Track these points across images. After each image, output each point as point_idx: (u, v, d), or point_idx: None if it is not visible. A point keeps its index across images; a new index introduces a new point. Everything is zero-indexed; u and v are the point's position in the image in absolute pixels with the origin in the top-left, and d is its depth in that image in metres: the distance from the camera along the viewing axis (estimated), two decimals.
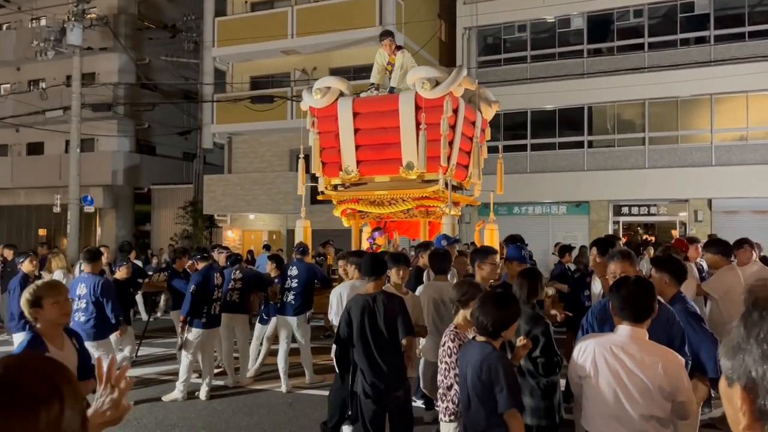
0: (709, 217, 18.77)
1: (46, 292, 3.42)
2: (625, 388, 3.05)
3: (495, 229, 10.08)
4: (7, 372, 0.97)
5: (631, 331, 3.11)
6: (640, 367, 3.02)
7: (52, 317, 3.40)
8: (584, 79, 19.47)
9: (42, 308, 3.39)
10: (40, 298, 3.39)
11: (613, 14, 19.89)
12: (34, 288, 3.45)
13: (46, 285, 3.52)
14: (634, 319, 3.12)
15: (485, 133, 10.10)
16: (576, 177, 19.82)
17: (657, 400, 3.00)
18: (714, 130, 18.81)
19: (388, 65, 9.33)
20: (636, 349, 3.07)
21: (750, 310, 0.93)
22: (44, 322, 3.40)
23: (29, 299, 3.41)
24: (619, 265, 4.00)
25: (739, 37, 18.45)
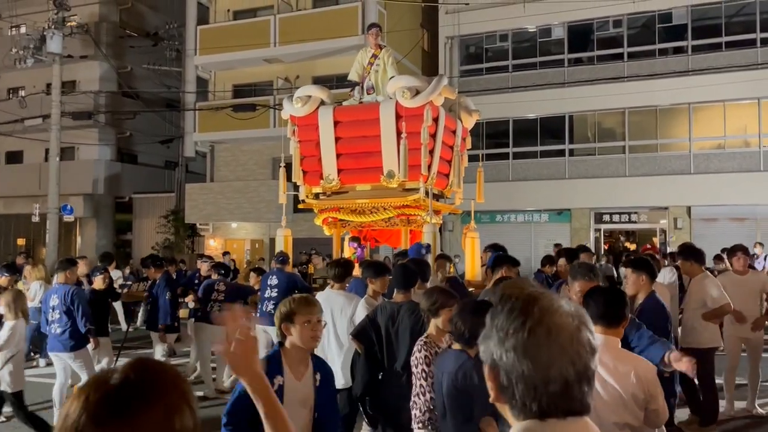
0: (689, 224, 19.00)
1: (300, 308, 2.98)
2: (599, 397, 3.06)
3: (476, 237, 10.10)
4: (143, 373, 0.99)
5: (605, 340, 3.14)
6: (613, 376, 3.04)
7: (299, 339, 2.95)
8: (565, 89, 19.67)
9: (293, 325, 2.96)
10: (292, 314, 2.97)
11: (593, 24, 20.14)
12: (289, 301, 3.05)
13: (302, 300, 3.06)
14: (608, 326, 3.15)
15: (466, 141, 10.14)
16: (558, 185, 19.98)
17: (630, 409, 3.02)
18: (692, 138, 19.09)
19: (372, 58, 9.35)
20: (609, 358, 3.09)
21: (495, 304, 1.15)
22: (291, 342, 2.97)
23: (283, 312, 3.00)
24: (583, 284, 4.04)
25: (716, 47, 18.76)
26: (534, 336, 1.06)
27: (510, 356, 1.07)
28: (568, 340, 1.07)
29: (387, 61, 9.21)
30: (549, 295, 1.14)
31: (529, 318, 1.08)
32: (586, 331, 1.10)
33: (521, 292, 1.14)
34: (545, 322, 1.07)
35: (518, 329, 1.07)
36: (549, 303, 1.10)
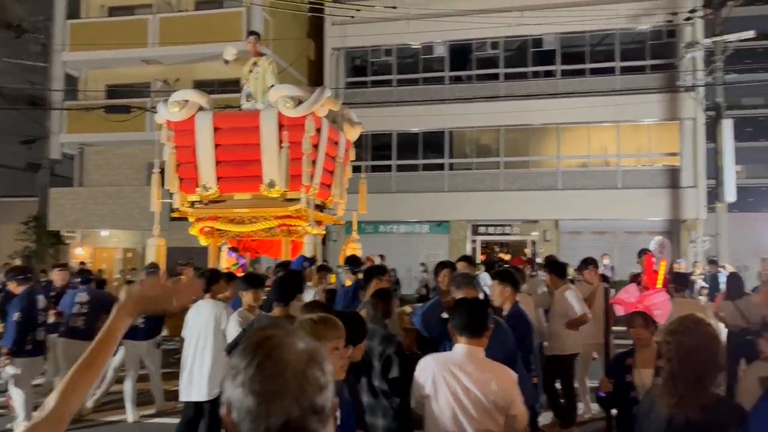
0: (557, 237, 20.29)
1: (328, 333, 2.54)
2: (462, 405, 3.16)
3: (358, 248, 10.19)
4: None
5: (468, 350, 3.25)
6: (476, 384, 3.15)
7: None
8: (446, 105, 20.41)
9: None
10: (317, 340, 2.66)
11: (472, 44, 21.08)
12: (310, 325, 2.57)
13: (327, 323, 2.59)
14: (471, 336, 3.26)
15: (349, 153, 10.22)
16: (438, 197, 20.64)
17: (492, 415, 3.14)
18: (560, 156, 20.47)
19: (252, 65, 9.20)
20: (472, 367, 3.20)
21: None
22: None
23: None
24: (464, 292, 4.19)
25: (582, 73, 20.28)
26: (260, 371, 1.09)
27: (238, 392, 1.09)
28: (293, 377, 1.09)
29: (267, 69, 9.10)
30: (287, 333, 1.18)
31: (258, 354, 1.11)
32: (315, 368, 1.13)
33: (262, 331, 1.17)
34: (273, 358, 1.10)
35: (247, 365, 1.10)
36: (281, 340, 1.14)
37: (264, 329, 1.18)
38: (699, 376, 2.68)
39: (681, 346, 2.80)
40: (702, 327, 2.87)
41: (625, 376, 3.88)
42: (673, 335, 2.90)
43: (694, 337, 2.80)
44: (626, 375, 3.88)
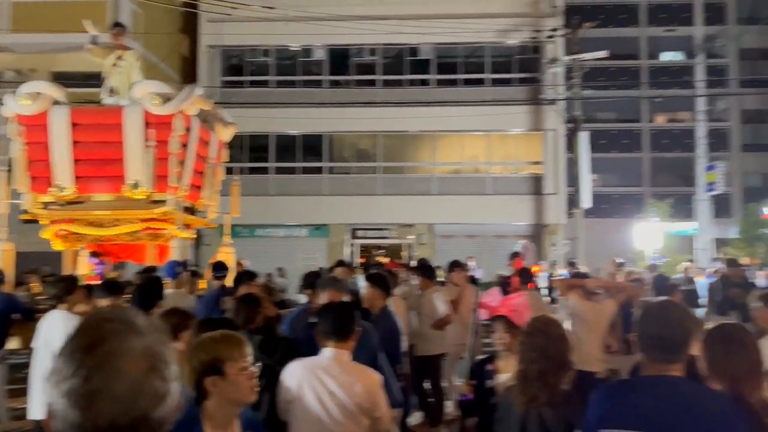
0: (432, 240, 20.93)
1: (232, 352, 2.24)
2: (326, 409, 3.13)
3: (230, 252, 9.87)
4: None
5: (335, 353, 3.24)
6: (341, 388, 3.14)
7: (235, 393, 2.21)
8: (325, 108, 20.38)
9: (225, 375, 2.19)
10: (220, 362, 2.20)
11: (351, 50, 21.26)
12: (209, 344, 2.27)
13: (229, 341, 2.30)
14: (338, 340, 3.25)
15: (221, 154, 9.90)
16: (317, 201, 20.58)
17: (356, 418, 3.15)
18: (435, 163, 21.17)
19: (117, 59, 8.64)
20: (338, 371, 3.19)
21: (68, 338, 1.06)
22: (218, 399, 2.20)
23: (203, 360, 2.21)
24: (332, 294, 4.17)
25: (454, 83, 21.12)
26: (87, 382, 0.97)
27: (62, 402, 0.97)
28: (127, 389, 0.99)
29: (133, 64, 8.61)
30: (124, 332, 1.03)
31: (87, 360, 0.98)
32: (154, 377, 1.02)
33: (96, 329, 1.03)
34: (104, 367, 0.98)
35: (74, 373, 0.98)
36: (116, 345, 1.00)
37: (98, 325, 1.04)
38: (548, 375, 2.84)
39: (532, 346, 2.94)
40: (552, 328, 3.04)
41: (486, 382, 3.79)
42: (525, 336, 3.05)
43: (543, 337, 2.96)
44: (487, 381, 3.79)
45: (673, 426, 2.14)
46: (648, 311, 2.35)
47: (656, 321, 2.25)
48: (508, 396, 3.01)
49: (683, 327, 2.23)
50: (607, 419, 2.25)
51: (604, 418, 2.26)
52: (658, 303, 2.40)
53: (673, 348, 2.21)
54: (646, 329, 2.26)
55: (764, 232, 22.02)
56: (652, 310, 2.34)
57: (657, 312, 2.30)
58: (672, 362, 2.22)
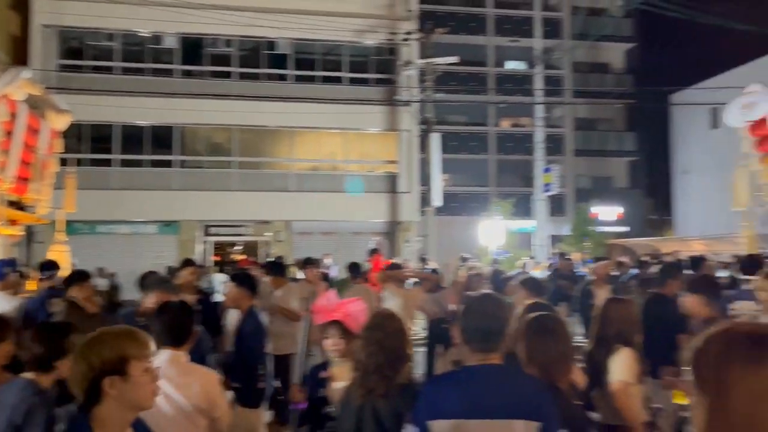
0: (289, 237, 20.76)
1: (137, 349, 2.00)
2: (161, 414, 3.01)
3: (65, 251, 9.12)
4: None
5: (171, 355, 3.14)
6: (179, 390, 3.05)
7: (136, 396, 1.97)
8: (177, 99, 19.42)
9: (127, 376, 1.95)
10: (124, 360, 1.95)
11: (205, 40, 20.49)
12: (113, 338, 1.99)
13: (133, 337, 2.04)
14: (174, 341, 3.15)
15: (54, 144, 9.10)
16: (167, 196, 19.60)
17: (194, 419, 3.08)
18: (293, 159, 21.04)
19: None
20: (175, 373, 3.08)
21: None
22: (115, 404, 1.94)
23: (106, 357, 1.93)
24: (159, 295, 4.03)
25: (312, 79, 21.12)
26: None
27: None
28: None
29: None
30: None
31: None
32: None
33: None
34: None
35: None
36: None
37: None
38: (385, 368, 2.93)
39: (371, 340, 3.03)
40: (389, 322, 3.15)
41: (319, 390, 3.59)
42: (365, 330, 3.13)
43: (381, 331, 3.05)
44: (320, 389, 3.59)
45: (495, 410, 2.30)
46: (468, 305, 2.50)
47: (475, 314, 2.41)
48: (348, 390, 3.08)
49: (499, 318, 2.42)
50: (437, 410, 2.37)
51: (434, 410, 2.38)
52: (477, 297, 2.57)
53: (491, 338, 2.38)
54: (467, 322, 2.41)
55: (592, 229, 24.38)
56: (472, 303, 2.50)
57: (476, 305, 2.47)
58: (491, 351, 2.40)
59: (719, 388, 1.06)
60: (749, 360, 1.05)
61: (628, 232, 28.55)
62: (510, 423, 2.26)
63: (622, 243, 23.85)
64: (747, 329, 1.12)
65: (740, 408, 1.03)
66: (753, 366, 1.04)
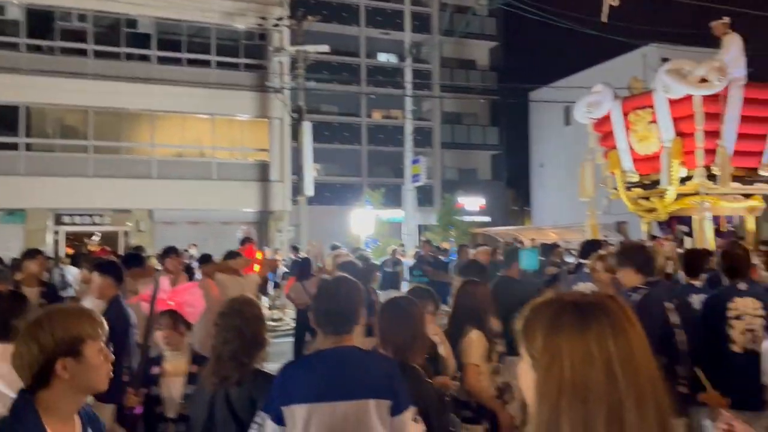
0: (151, 227, 19.72)
1: (92, 328, 1.84)
2: None
3: None
4: None
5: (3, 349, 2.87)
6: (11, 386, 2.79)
7: (90, 379, 1.82)
8: (22, 76, 17.72)
9: (81, 357, 1.78)
10: (80, 340, 1.79)
11: (55, 12, 18.85)
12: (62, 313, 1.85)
13: (86, 315, 1.88)
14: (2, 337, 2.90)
15: None
16: (11, 182, 17.86)
17: None
18: (155, 144, 19.96)
19: None
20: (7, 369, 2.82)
21: None
22: (66, 387, 1.78)
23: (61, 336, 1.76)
24: None
25: (178, 61, 20.13)
26: None
27: None
28: None
29: None
30: None
31: None
32: None
33: None
34: None
35: None
36: None
37: None
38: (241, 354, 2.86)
39: (228, 327, 2.94)
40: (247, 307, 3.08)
41: (152, 388, 3.33)
42: (221, 317, 3.04)
43: (239, 317, 2.97)
44: (152, 387, 3.33)
45: (347, 392, 2.32)
46: (320, 289, 2.50)
47: (327, 297, 2.41)
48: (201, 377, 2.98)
49: (352, 301, 2.44)
50: (290, 396, 2.35)
51: (287, 395, 2.36)
52: (330, 280, 2.58)
53: (343, 321, 2.40)
54: (319, 306, 2.41)
55: (458, 218, 25.46)
56: (324, 287, 2.51)
57: (328, 289, 2.47)
58: (344, 333, 2.41)
59: (552, 356, 1.10)
60: (577, 327, 1.11)
61: (490, 221, 30.14)
62: (361, 403, 2.29)
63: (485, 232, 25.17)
64: (573, 298, 1.18)
65: (570, 373, 1.08)
66: (580, 333, 1.10)
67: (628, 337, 1.11)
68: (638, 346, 1.12)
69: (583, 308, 1.14)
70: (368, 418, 2.28)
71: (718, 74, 8.25)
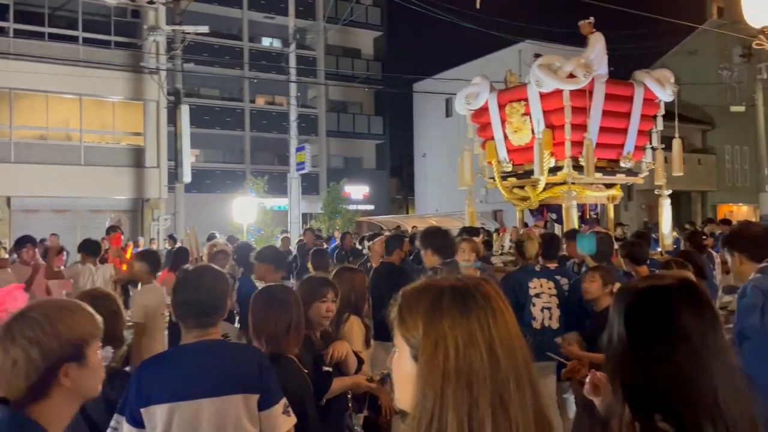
0: (8, 215, 18.07)
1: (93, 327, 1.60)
2: None
3: None
4: None
5: None
6: None
7: (90, 385, 1.58)
8: None
9: (85, 361, 1.54)
10: (84, 341, 1.54)
11: None
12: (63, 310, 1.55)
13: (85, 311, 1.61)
14: None
15: None
16: None
17: None
18: (13, 126, 18.24)
19: None
20: None
21: None
22: (65, 397, 1.51)
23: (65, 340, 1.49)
24: None
25: (40, 35, 18.49)
26: None
27: None
28: None
29: None
30: None
31: None
32: None
33: None
34: None
35: None
36: None
37: None
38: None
39: None
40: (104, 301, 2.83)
41: None
42: None
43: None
44: None
45: (211, 388, 2.18)
46: (181, 280, 2.33)
47: (189, 288, 2.25)
48: None
49: (217, 291, 2.29)
50: (149, 396, 2.18)
51: (146, 395, 2.18)
52: (192, 270, 2.41)
53: (207, 313, 2.25)
54: (180, 297, 2.25)
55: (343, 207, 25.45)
56: (186, 277, 2.34)
57: (190, 279, 2.31)
58: (209, 326, 2.27)
59: (435, 342, 1.07)
60: (459, 311, 1.09)
61: (374, 210, 30.47)
62: (227, 399, 2.17)
63: (369, 220, 25.40)
64: (450, 282, 1.15)
65: (455, 359, 1.06)
66: (463, 317, 1.08)
67: (505, 319, 1.12)
68: (513, 327, 1.12)
69: (462, 291, 1.12)
70: (235, 415, 2.16)
71: (584, 70, 8.76)
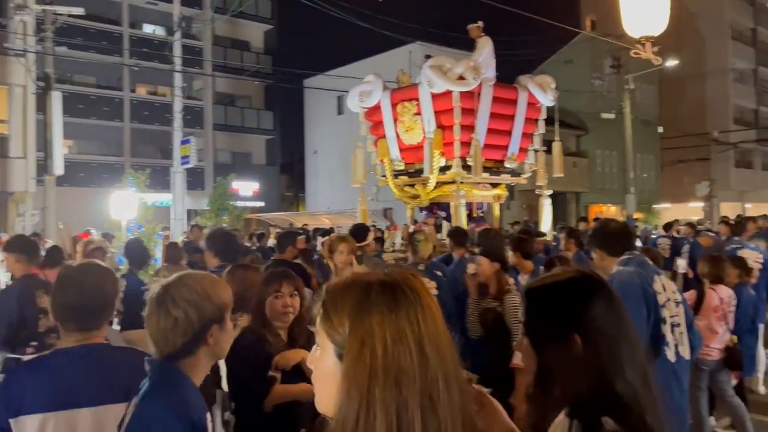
0: None
1: (227, 293, 1.91)
2: None
3: None
4: None
5: None
6: None
7: (225, 347, 1.88)
8: None
9: (224, 323, 1.84)
10: (227, 306, 1.89)
11: None
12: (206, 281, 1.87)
13: (216, 279, 1.95)
14: None
15: None
16: None
17: None
18: None
19: None
20: None
21: None
22: (207, 354, 1.81)
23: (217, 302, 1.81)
24: None
25: None
26: None
27: None
28: None
29: None
30: None
31: None
32: None
33: None
34: None
35: None
36: None
37: None
38: None
39: None
40: None
41: None
42: None
43: None
44: None
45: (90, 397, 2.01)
46: (63, 278, 2.12)
47: (71, 289, 2.05)
48: None
49: (101, 291, 2.11)
50: (19, 405, 1.95)
51: (16, 405, 1.96)
52: (73, 268, 2.19)
53: (89, 315, 2.06)
54: (60, 297, 2.04)
55: (231, 203, 24.72)
56: (65, 276, 2.13)
57: (71, 278, 2.10)
58: (92, 330, 2.08)
59: (362, 340, 1.04)
60: (388, 307, 1.05)
61: (265, 207, 29.91)
62: (110, 408, 1.99)
63: (258, 217, 24.88)
64: (377, 277, 1.11)
65: (383, 357, 1.02)
66: (392, 313, 1.05)
67: (433, 315, 1.09)
68: (441, 324, 1.10)
69: (391, 286, 1.09)
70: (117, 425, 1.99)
71: (473, 73, 9.06)
